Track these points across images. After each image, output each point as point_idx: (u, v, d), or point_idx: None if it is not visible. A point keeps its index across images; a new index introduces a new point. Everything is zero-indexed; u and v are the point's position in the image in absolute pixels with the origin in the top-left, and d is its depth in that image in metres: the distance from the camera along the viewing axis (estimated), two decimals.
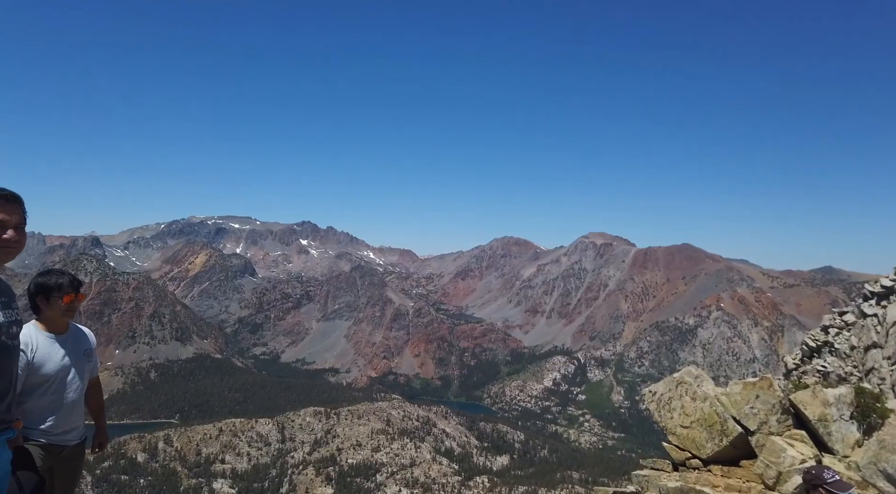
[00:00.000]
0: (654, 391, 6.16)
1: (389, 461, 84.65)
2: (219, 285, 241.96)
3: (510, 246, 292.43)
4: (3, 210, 2.94)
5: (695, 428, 5.72)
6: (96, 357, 4.08)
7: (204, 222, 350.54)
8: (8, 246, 2.96)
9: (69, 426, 3.74)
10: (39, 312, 3.72)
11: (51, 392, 3.62)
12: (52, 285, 3.69)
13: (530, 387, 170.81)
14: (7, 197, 2.98)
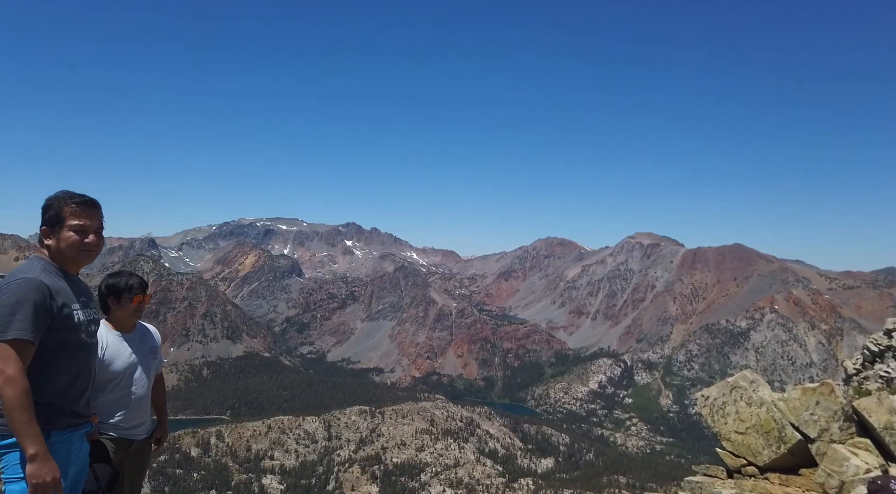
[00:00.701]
0: (707, 396, 6.02)
1: (433, 461, 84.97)
2: (267, 286, 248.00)
3: (554, 247, 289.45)
4: (85, 215, 3.16)
5: (750, 435, 5.56)
6: (160, 354, 4.27)
7: (253, 223, 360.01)
8: (89, 250, 3.20)
9: (137, 421, 3.92)
10: (109, 312, 3.92)
11: (120, 388, 3.81)
12: (123, 286, 3.88)
13: (575, 389, 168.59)
14: (88, 202, 3.19)
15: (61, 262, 3.19)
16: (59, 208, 3.11)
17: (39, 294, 2.95)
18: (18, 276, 3.01)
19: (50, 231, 3.12)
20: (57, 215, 3.11)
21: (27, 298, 2.90)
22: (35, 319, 2.91)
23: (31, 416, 2.85)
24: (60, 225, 3.11)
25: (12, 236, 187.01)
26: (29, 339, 2.88)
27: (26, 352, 2.89)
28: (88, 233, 3.17)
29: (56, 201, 3.13)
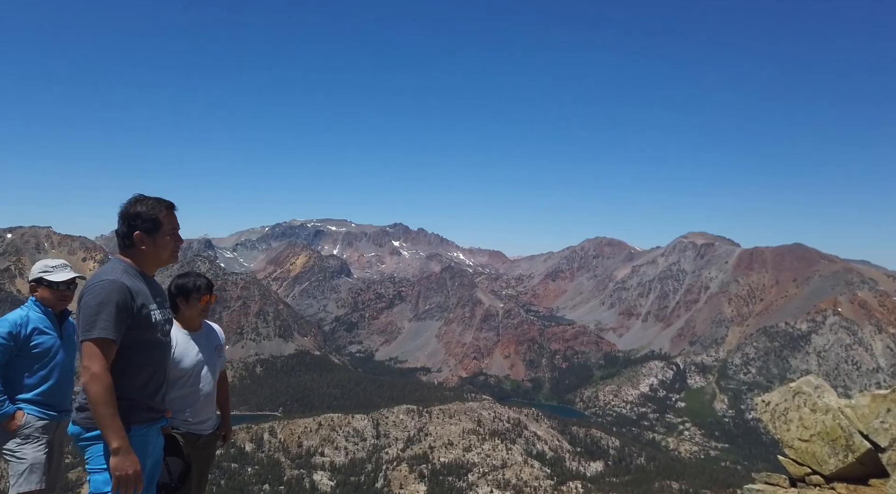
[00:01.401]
0: (768, 401, 5.81)
1: (481, 461, 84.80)
2: (317, 285, 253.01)
3: (602, 247, 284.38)
4: (175, 219, 3.41)
5: (815, 442, 5.35)
6: (224, 353, 4.46)
7: (304, 224, 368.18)
8: (178, 251, 3.49)
9: (204, 417, 4.12)
10: (178, 311, 4.12)
11: (188, 385, 4.00)
12: (192, 286, 4.08)
13: (625, 392, 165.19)
14: (174, 206, 3.44)
15: (142, 264, 3.35)
16: (156, 214, 3.29)
17: (121, 295, 3.11)
18: (101, 278, 3.17)
19: (146, 236, 3.29)
20: (154, 221, 3.28)
21: (110, 299, 3.06)
22: (117, 319, 3.08)
23: (115, 411, 3.01)
24: (158, 230, 3.30)
25: (80, 237, 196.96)
26: (112, 338, 3.05)
27: (109, 350, 3.07)
28: (177, 236, 3.42)
29: (152, 207, 3.30)
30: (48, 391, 4.34)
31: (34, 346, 4.29)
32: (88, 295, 3.11)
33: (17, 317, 4.34)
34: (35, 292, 4.48)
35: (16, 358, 4.26)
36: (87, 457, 3.22)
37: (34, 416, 4.26)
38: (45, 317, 4.41)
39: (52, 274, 4.44)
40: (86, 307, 3.07)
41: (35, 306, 4.45)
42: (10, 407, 4.18)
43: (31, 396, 4.29)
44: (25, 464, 4.18)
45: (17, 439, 4.20)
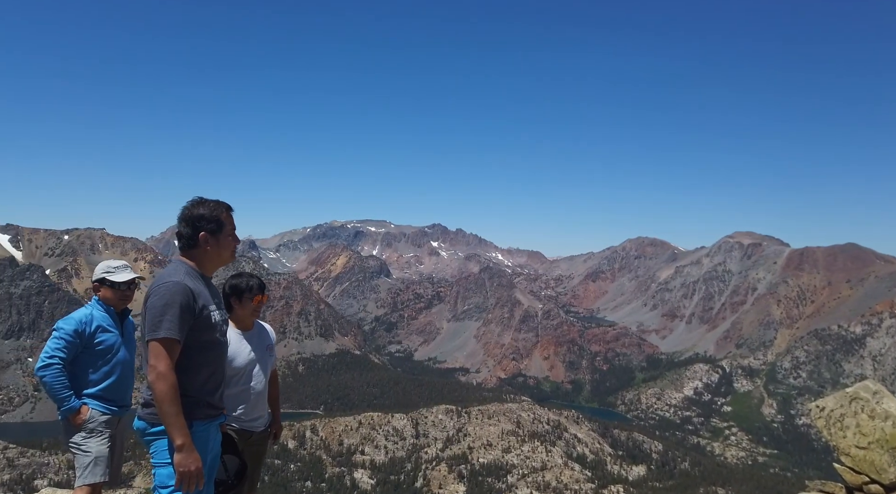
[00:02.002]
0: (823, 407, 5.64)
1: (520, 463, 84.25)
2: (357, 285, 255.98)
3: (645, 247, 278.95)
4: (233, 220, 3.56)
5: (874, 450, 5.16)
6: (275, 352, 4.60)
7: (344, 225, 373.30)
8: (236, 251, 3.67)
9: (256, 415, 4.26)
10: (231, 311, 4.26)
11: (241, 383, 4.14)
12: (245, 287, 4.22)
13: (668, 395, 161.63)
14: (231, 207, 3.59)
15: (203, 265, 3.50)
16: (219, 215, 3.45)
17: (185, 297, 3.23)
18: (166, 280, 3.29)
19: (210, 237, 3.44)
20: (218, 222, 3.44)
21: (174, 300, 3.19)
22: (181, 319, 3.20)
23: (179, 409, 3.16)
24: (221, 230, 3.46)
25: (132, 238, 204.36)
26: (176, 338, 3.18)
27: (174, 350, 3.20)
28: (236, 236, 3.59)
29: (214, 208, 3.46)
30: (111, 387, 4.56)
31: (98, 343, 4.51)
32: (154, 296, 3.23)
33: (82, 315, 4.55)
34: (98, 291, 4.70)
35: (81, 355, 4.48)
36: (151, 452, 3.39)
37: (98, 411, 4.48)
38: (108, 316, 4.63)
39: (114, 275, 4.66)
40: (152, 308, 3.20)
41: (98, 305, 4.67)
42: (76, 402, 4.41)
43: (94, 391, 4.51)
44: (90, 457, 4.40)
45: (82, 433, 4.43)
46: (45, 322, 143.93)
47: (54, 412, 17.78)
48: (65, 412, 4.41)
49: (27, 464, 74.69)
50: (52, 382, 4.33)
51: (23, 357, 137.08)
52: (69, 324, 4.46)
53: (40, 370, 4.36)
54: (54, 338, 4.41)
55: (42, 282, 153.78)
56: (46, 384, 4.36)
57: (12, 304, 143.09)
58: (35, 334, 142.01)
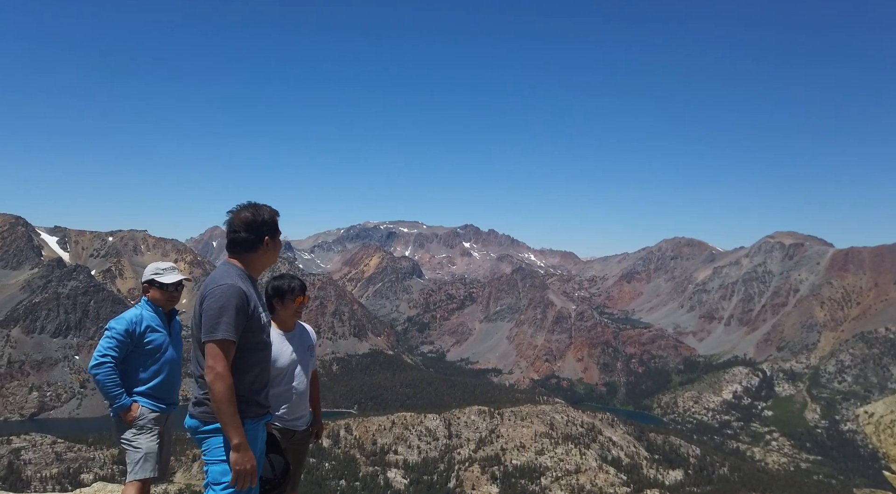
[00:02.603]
0: (871, 413, 5.48)
1: (554, 465, 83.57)
2: (390, 286, 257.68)
3: (681, 247, 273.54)
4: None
5: None
6: (316, 352, 4.70)
7: (377, 226, 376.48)
8: (274, 261, 3.79)
9: (298, 414, 4.35)
10: (274, 312, 4.37)
11: (284, 383, 4.24)
12: (287, 288, 4.32)
13: (706, 399, 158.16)
14: (278, 214, 3.76)
15: (253, 268, 3.64)
16: (275, 221, 3.65)
17: (239, 299, 3.36)
18: (220, 282, 3.40)
19: (270, 241, 3.62)
20: (275, 225, 3.65)
21: (230, 302, 3.30)
22: (236, 321, 3.32)
23: (236, 409, 3.28)
24: (277, 234, 3.66)
25: (172, 240, 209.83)
26: (233, 339, 3.30)
27: (230, 351, 3.31)
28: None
29: (272, 213, 3.65)
30: (159, 385, 4.73)
31: (147, 343, 4.68)
32: (210, 299, 3.34)
33: (133, 316, 4.73)
34: (147, 292, 4.88)
35: (131, 354, 4.67)
36: (203, 449, 3.52)
37: (147, 408, 4.65)
38: (156, 316, 4.81)
39: (163, 276, 4.83)
40: (208, 310, 3.31)
41: (147, 305, 4.85)
42: (126, 400, 4.59)
43: (144, 389, 4.69)
44: (140, 453, 4.58)
45: (132, 429, 4.61)
46: (91, 321, 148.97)
47: (100, 408, 18.75)
48: (116, 410, 4.58)
49: (74, 459, 77.46)
50: (105, 380, 4.51)
51: (70, 355, 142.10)
52: (120, 324, 4.63)
53: (93, 369, 4.54)
54: (106, 337, 4.59)
55: (88, 282, 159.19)
56: (99, 382, 4.55)
57: (60, 303, 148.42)
58: (81, 332, 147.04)
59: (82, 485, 55.40)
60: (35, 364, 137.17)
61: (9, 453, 75.17)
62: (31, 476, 71.71)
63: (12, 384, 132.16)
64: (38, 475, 72.29)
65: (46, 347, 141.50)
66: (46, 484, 69.42)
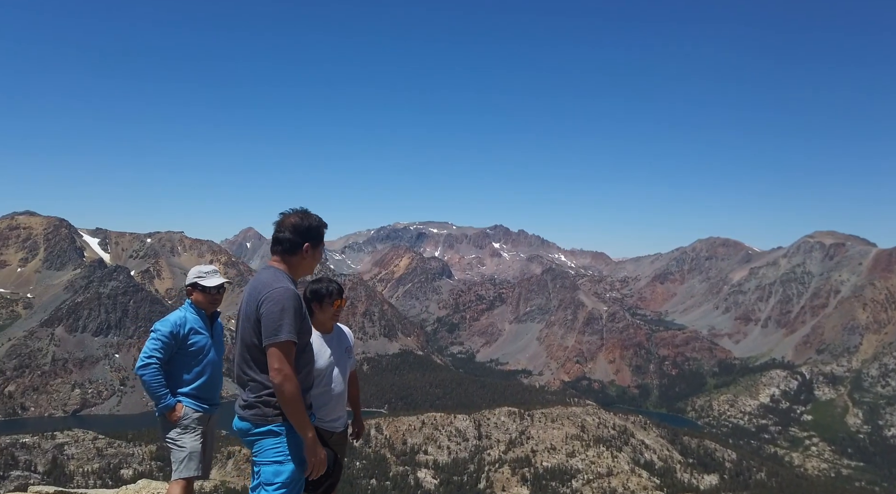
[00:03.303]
0: None
1: (585, 468, 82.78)
2: (420, 287, 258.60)
3: (716, 247, 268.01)
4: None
5: None
6: (354, 354, 4.79)
7: (407, 227, 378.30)
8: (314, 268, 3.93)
9: (336, 415, 4.44)
10: (312, 315, 4.46)
11: (321, 385, 4.33)
12: (325, 291, 4.41)
13: (743, 402, 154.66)
14: (326, 225, 3.92)
15: (295, 273, 3.75)
16: (322, 231, 3.77)
17: (297, 301, 3.49)
18: (276, 286, 3.49)
19: (312, 249, 3.72)
20: (321, 235, 3.76)
21: (289, 305, 3.42)
22: (295, 323, 3.44)
23: (304, 407, 3.45)
24: (320, 244, 3.76)
25: (207, 241, 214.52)
26: (294, 340, 3.42)
27: (292, 352, 3.44)
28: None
29: (319, 222, 3.76)
30: (202, 386, 4.88)
31: (191, 345, 4.83)
32: (269, 302, 3.42)
33: (177, 318, 4.89)
34: (191, 295, 5.02)
35: (175, 356, 4.83)
36: (254, 451, 3.61)
37: (191, 408, 4.81)
38: (199, 318, 4.96)
39: (206, 279, 4.98)
40: (269, 314, 3.39)
41: (191, 307, 5.00)
42: (171, 400, 4.75)
43: (187, 390, 4.85)
44: (185, 452, 4.74)
45: (177, 429, 4.77)
46: (130, 321, 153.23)
47: (139, 405, 19.31)
48: (162, 409, 4.74)
49: (114, 454, 79.80)
50: (150, 380, 4.67)
51: (110, 353, 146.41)
52: (165, 326, 4.79)
53: (139, 370, 4.71)
54: (152, 339, 4.76)
55: (128, 282, 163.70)
56: (145, 382, 4.71)
57: (101, 303, 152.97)
58: (121, 331, 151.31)
59: (122, 480, 56.65)
60: (77, 362, 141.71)
61: (53, 448, 77.83)
62: (74, 471, 74.07)
63: (56, 382, 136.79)
64: (81, 469, 74.62)
65: (88, 345, 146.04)
66: (88, 479, 71.58)
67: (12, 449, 75.06)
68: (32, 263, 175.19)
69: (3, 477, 68.26)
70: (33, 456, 75.32)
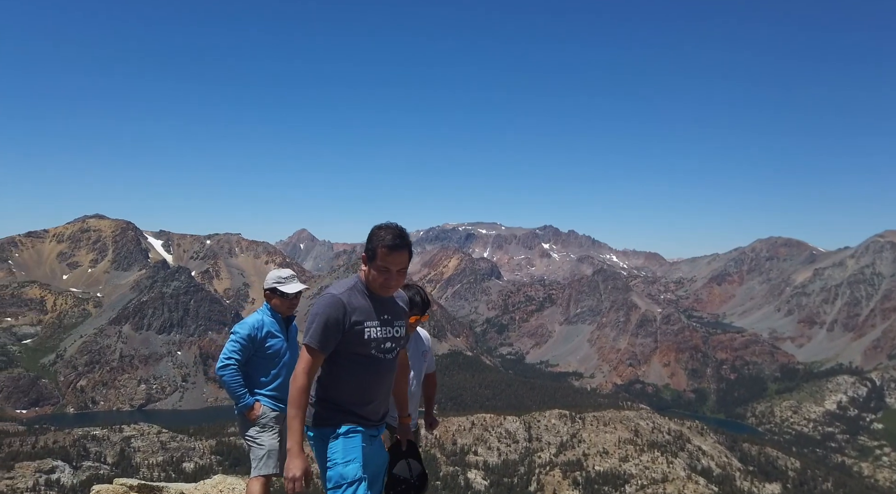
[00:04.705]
0: None
1: (639, 473, 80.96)
2: (469, 288, 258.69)
3: (778, 247, 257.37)
4: (391, 258, 3.46)
5: None
6: (431, 356, 4.99)
7: (455, 228, 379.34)
8: (387, 287, 3.54)
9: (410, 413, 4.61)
10: None
11: None
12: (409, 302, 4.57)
13: (807, 409, 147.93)
14: (397, 246, 3.48)
15: (369, 283, 3.58)
16: (375, 247, 3.44)
17: (335, 310, 3.37)
18: (328, 291, 3.50)
19: (367, 261, 3.51)
20: (373, 252, 3.45)
21: (324, 312, 3.36)
22: (324, 330, 3.34)
23: (297, 413, 3.28)
24: (371, 261, 3.47)
25: (263, 242, 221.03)
26: (313, 346, 3.34)
27: (312, 356, 3.35)
28: (391, 273, 3.48)
29: (375, 238, 3.46)
30: (278, 386, 5.09)
31: (268, 348, 5.06)
32: (314, 305, 3.47)
33: (255, 321, 5.11)
34: (270, 299, 5.24)
35: (253, 357, 5.06)
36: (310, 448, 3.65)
37: (269, 408, 5.03)
38: (276, 321, 5.18)
39: (284, 285, 5.17)
40: (309, 315, 3.43)
41: (268, 311, 5.22)
42: (250, 399, 4.98)
43: (265, 391, 5.07)
44: (264, 450, 4.94)
45: (256, 427, 4.99)
46: (191, 319, 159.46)
47: (200, 401, 20.18)
48: (241, 408, 4.99)
49: (177, 448, 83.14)
50: (230, 381, 4.92)
51: (173, 351, 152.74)
52: (243, 329, 5.03)
53: (220, 370, 4.96)
54: (231, 341, 5.00)
55: (189, 283, 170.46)
56: (225, 382, 4.97)
57: (164, 302, 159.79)
58: (182, 330, 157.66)
59: (184, 473, 58.86)
60: (143, 359, 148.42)
61: (121, 440, 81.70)
62: (140, 463, 77.51)
63: (123, 377, 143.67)
64: (146, 462, 78.03)
65: (153, 343, 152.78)
66: (153, 471, 74.81)
67: (84, 441, 79.11)
68: (102, 264, 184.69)
69: (77, 467, 72.16)
70: (103, 448, 79.20)
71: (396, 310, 3.73)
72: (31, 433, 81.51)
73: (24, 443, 75.24)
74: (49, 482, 67.25)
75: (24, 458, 70.82)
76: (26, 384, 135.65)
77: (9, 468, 67.77)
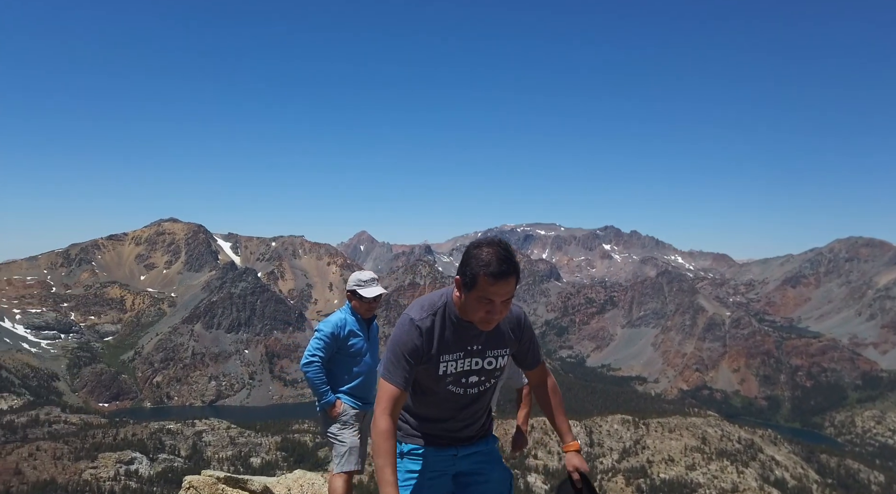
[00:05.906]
0: None
1: (707, 482, 78.06)
2: (527, 289, 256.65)
3: (858, 248, 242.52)
4: (496, 287, 2.70)
5: None
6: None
7: (514, 229, 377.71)
8: (488, 321, 2.84)
9: None
10: None
11: None
12: None
13: (892, 419, 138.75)
14: (504, 274, 2.69)
15: (461, 308, 2.90)
16: (476, 273, 2.70)
17: (409, 337, 2.87)
18: (407, 311, 2.96)
19: (462, 287, 2.80)
20: (473, 279, 2.72)
21: (398, 339, 2.89)
22: (396, 360, 2.87)
23: (385, 462, 2.71)
24: (471, 289, 2.75)
25: (325, 244, 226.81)
26: (388, 381, 2.87)
27: (390, 391, 2.84)
28: (494, 305, 2.76)
29: (474, 262, 2.72)
30: (359, 385, 5.15)
31: (350, 346, 5.11)
32: (394, 330, 2.97)
33: (338, 320, 5.17)
34: (351, 301, 5.30)
35: (335, 356, 5.12)
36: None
37: (349, 405, 5.09)
38: (357, 321, 5.23)
39: (363, 289, 5.20)
40: (388, 342, 2.97)
41: (349, 311, 5.27)
42: (332, 397, 5.05)
43: (346, 389, 5.13)
44: (346, 447, 5.00)
45: (337, 424, 5.05)
46: (258, 319, 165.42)
47: (266, 398, 20.84)
48: (323, 405, 5.06)
49: (245, 443, 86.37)
50: (313, 377, 5.00)
51: (241, 349, 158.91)
52: (327, 327, 5.11)
53: (304, 367, 5.06)
54: (315, 339, 5.09)
55: (255, 284, 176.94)
56: (309, 379, 5.05)
57: (233, 302, 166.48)
58: (249, 329, 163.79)
59: (252, 468, 61.04)
60: (213, 356, 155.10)
61: (193, 435, 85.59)
62: (211, 457, 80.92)
63: (195, 374, 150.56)
64: (217, 455, 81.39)
65: (222, 341, 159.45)
66: (222, 464, 77.90)
67: (160, 434, 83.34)
68: (175, 265, 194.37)
69: (153, 459, 76.09)
70: (177, 442, 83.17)
71: (495, 338, 3.08)
72: (113, 425, 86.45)
73: (105, 435, 79.93)
74: (128, 472, 71.26)
75: (106, 449, 75.26)
76: (108, 379, 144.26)
77: (93, 458, 72.28)
